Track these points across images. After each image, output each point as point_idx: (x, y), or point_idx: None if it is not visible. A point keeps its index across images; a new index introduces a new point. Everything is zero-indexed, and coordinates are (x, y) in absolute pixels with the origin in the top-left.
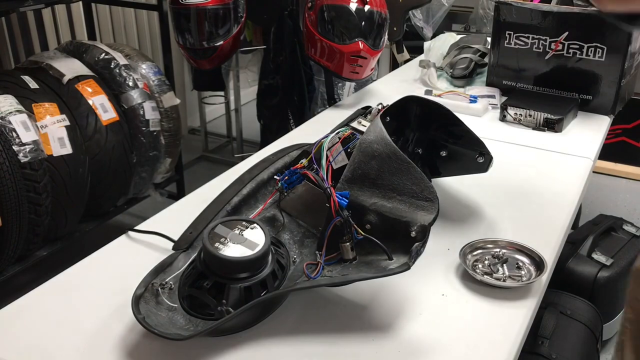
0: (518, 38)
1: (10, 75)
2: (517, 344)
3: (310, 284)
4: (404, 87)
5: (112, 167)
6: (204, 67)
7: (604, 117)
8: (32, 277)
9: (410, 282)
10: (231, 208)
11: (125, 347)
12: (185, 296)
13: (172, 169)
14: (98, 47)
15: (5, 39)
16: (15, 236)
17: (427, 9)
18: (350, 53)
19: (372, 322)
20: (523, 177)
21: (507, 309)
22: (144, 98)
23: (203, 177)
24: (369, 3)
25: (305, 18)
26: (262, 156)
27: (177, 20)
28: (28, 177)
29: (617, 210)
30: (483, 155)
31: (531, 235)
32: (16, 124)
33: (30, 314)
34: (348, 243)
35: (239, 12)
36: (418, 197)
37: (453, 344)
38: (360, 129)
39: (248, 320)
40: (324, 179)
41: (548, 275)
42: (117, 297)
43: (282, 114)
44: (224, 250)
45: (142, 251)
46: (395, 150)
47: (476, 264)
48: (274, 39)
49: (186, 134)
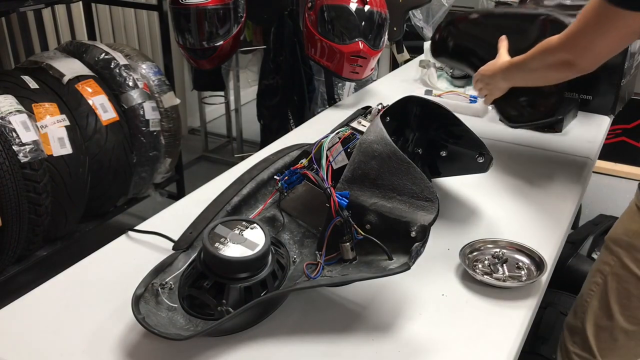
0: None
1: (10, 75)
2: (517, 344)
3: (310, 284)
4: (404, 87)
5: (112, 167)
6: (204, 67)
7: (604, 117)
8: (32, 277)
9: (410, 282)
10: (231, 208)
11: (125, 347)
12: (185, 296)
13: (172, 169)
14: (98, 47)
15: (5, 39)
16: (15, 236)
17: (427, 9)
18: (350, 53)
19: (372, 322)
20: (523, 177)
21: (507, 309)
22: (144, 98)
23: (203, 177)
24: (369, 3)
25: (305, 18)
26: (262, 156)
27: (177, 20)
28: (28, 177)
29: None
30: (483, 155)
31: (531, 235)
32: (16, 124)
33: (30, 314)
34: (348, 243)
35: (239, 12)
36: (418, 197)
37: (453, 344)
38: (360, 129)
39: (248, 320)
40: (324, 179)
41: (548, 275)
42: (117, 297)
43: (282, 114)
44: (224, 250)
45: (142, 251)
46: (395, 150)
47: (476, 264)
48: (274, 39)
49: (186, 134)
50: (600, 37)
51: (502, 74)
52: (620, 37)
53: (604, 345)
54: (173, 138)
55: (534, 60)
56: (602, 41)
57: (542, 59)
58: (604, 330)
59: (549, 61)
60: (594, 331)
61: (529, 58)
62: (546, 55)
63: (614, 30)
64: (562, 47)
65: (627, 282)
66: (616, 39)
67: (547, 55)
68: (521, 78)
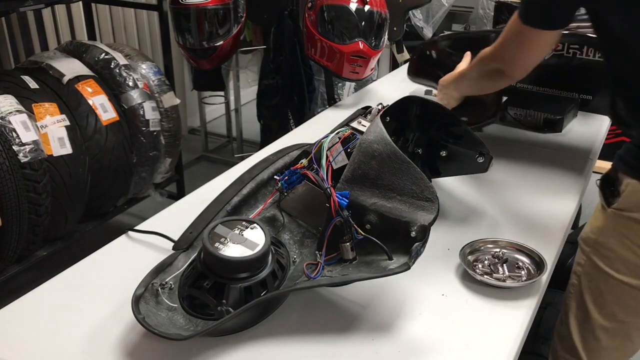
0: None
1: (10, 75)
2: (517, 344)
3: (310, 284)
4: (404, 87)
5: (112, 167)
6: (204, 67)
7: (604, 117)
8: (32, 277)
9: (410, 282)
10: (231, 208)
11: (125, 347)
12: (185, 296)
13: (172, 169)
14: (98, 47)
15: (5, 39)
16: (15, 236)
17: (427, 9)
18: (350, 53)
19: (372, 322)
20: (523, 177)
21: (507, 309)
22: (144, 98)
23: (203, 177)
24: (369, 3)
25: (305, 18)
26: (262, 156)
27: (177, 20)
28: (28, 177)
29: None
30: (483, 155)
31: (531, 235)
32: (16, 124)
33: (30, 314)
34: (348, 243)
35: (239, 12)
36: (418, 197)
37: (453, 344)
38: (360, 129)
39: (248, 320)
40: (324, 179)
41: (548, 275)
42: (117, 297)
43: (282, 114)
44: (224, 250)
45: (142, 251)
46: (395, 150)
47: (476, 264)
48: (274, 39)
49: (186, 134)
50: (520, 50)
51: (453, 84)
52: (538, 51)
53: (589, 346)
54: (173, 138)
55: (473, 70)
56: (522, 54)
57: (479, 69)
58: (586, 331)
59: (484, 70)
60: (578, 333)
61: (470, 68)
62: (482, 65)
63: (529, 45)
64: (493, 58)
65: (598, 279)
66: (535, 52)
67: (482, 65)
68: (467, 87)
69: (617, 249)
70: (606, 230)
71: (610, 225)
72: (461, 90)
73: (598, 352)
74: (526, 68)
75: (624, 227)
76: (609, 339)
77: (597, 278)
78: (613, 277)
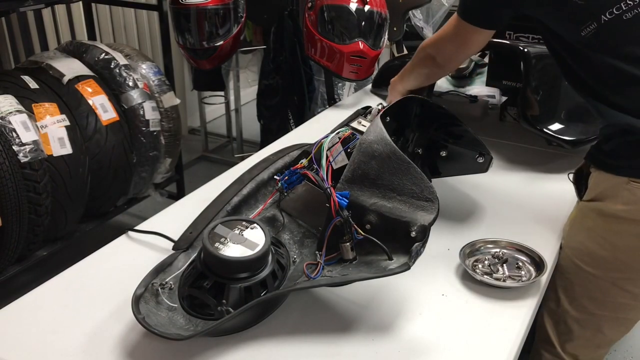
0: (518, 38)
1: (10, 75)
2: (517, 344)
3: (310, 284)
4: None
5: (112, 167)
6: (204, 67)
7: None
8: (32, 277)
9: (410, 282)
10: (231, 208)
11: (125, 347)
12: (185, 296)
13: (172, 169)
14: (98, 47)
15: (5, 39)
16: (15, 236)
17: (427, 9)
18: (350, 53)
19: (372, 322)
20: (523, 177)
21: (507, 309)
22: (144, 98)
23: (203, 177)
24: (369, 3)
25: (305, 18)
26: (262, 156)
27: (177, 20)
28: (28, 177)
29: None
30: (483, 155)
31: (531, 235)
32: (16, 124)
33: (30, 314)
34: (348, 243)
35: (239, 12)
36: (418, 197)
37: (453, 344)
38: (360, 129)
39: (248, 320)
40: (324, 179)
41: (548, 275)
42: (117, 297)
43: (282, 114)
44: (224, 250)
45: (142, 251)
46: (395, 150)
47: (476, 264)
48: (274, 39)
49: (186, 134)
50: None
51: (399, 77)
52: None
53: (562, 337)
54: (173, 138)
55: (412, 59)
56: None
57: (417, 56)
58: (559, 321)
59: (420, 57)
60: (551, 323)
61: (411, 60)
62: (419, 52)
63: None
64: (431, 46)
65: (569, 271)
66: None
67: (419, 52)
68: (407, 78)
69: (584, 240)
70: (576, 222)
71: (580, 217)
72: (404, 84)
73: (572, 342)
74: (457, 60)
75: (590, 219)
76: (581, 330)
77: (568, 270)
78: (581, 268)
